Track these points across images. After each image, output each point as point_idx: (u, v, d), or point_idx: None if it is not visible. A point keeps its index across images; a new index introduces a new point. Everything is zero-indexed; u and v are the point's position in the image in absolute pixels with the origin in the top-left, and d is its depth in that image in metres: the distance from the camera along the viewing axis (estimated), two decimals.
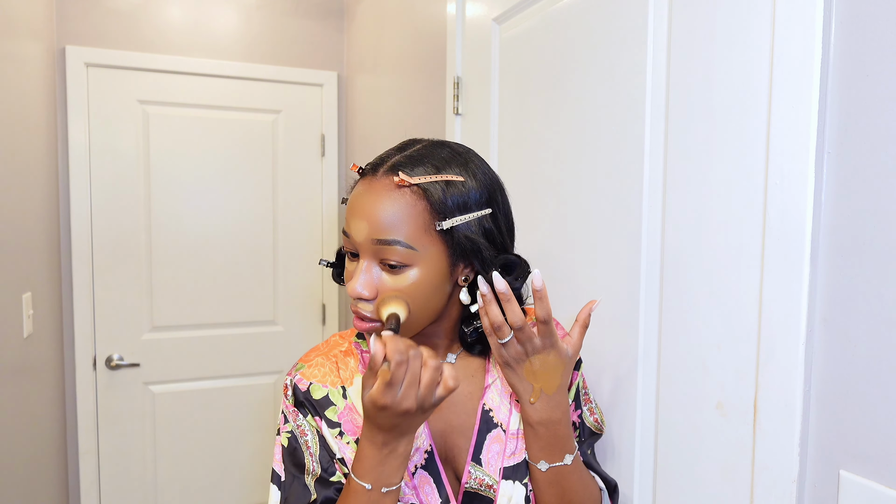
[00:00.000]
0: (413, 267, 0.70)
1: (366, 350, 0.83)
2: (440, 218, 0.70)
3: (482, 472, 0.78)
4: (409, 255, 0.69)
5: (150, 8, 2.18)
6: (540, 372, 0.74)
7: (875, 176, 0.60)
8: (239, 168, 2.31)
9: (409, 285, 0.70)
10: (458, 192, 0.71)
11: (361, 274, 0.71)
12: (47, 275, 1.95)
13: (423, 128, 1.68)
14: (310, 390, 0.79)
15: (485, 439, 0.79)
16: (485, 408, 0.80)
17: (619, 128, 0.93)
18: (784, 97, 0.67)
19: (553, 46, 1.09)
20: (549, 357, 0.73)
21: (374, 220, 0.69)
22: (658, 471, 0.89)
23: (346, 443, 0.77)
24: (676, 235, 0.84)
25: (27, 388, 1.73)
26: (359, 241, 0.71)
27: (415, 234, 0.69)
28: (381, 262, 0.71)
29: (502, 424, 0.80)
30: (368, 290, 0.70)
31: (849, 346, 0.63)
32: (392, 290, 0.70)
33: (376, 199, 0.70)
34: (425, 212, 0.70)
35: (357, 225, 0.71)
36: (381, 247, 0.69)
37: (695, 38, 0.80)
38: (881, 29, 0.60)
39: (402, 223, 0.69)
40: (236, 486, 2.38)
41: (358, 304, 0.72)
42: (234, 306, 2.33)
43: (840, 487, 0.64)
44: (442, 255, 0.71)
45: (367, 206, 0.70)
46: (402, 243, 0.69)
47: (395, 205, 0.69)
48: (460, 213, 0.71)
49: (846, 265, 0.63)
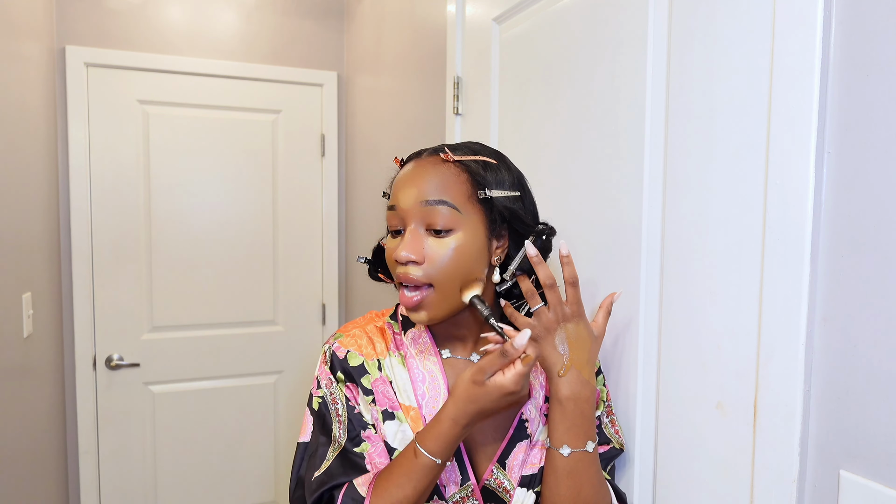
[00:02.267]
0: (457, 231, 0.75)
1: (398, 332, 0.88)
2: (481, 189, 0.77)
3: (504, 475, 0.81)
4: (455, 217, 0.75)
5: (150, 8, 2.18)
6: (572, 342, 0.76)
7: (875, 176, 0.60)
8: (239, 168, 2.31)
9: (454, 248, 0.75)
10: (495, 172, 0.79)
11: (409, 238, 0.75)
12: (47, 275, 1.95)
13: (423, 128, 1.68)
14: (347, 358, 0.84)
15: (514, 447, 0.82)
16: (522, 417, 0.83)
17: (620, 128, 0.93)
18: (784, 97, 0.67)
19: (553, 46, 1.09)
20: (579, 328, 0.77)
21: (422, 186, 0.76)
22: (658, 471, 0.89)
23: (376, 412, 0.81)
24: (676, 235, 0.84)
25: (27, 388, 1.73)
26: (407, 207, 0.76)
27: (459, 199, 0.76)
28: (427, 227, 0.75)
29: (532, 436, 0.82)
30: (416, 253, 0.75)
31: (849, 346, 0.63)
32: (438, 253, 0.74)
33: (423, 170, 0.78)
34: (468, 183, 0.77)
35: (405, 193, 0.77)
36: (429, 208, 0.75)
37: (695, 38, 0.80)
38: (881, 29, 0.60)
39: (447, 188, 0.76)
40: (236, 486, 2.38)
41: (408, 269, 0.75)
42: (234, 306, 2.33)
43: (840, 487, 0.64)
44: (482, 225, 0.77)
45: (415, 177, 0.77)
46: (449, 203, 0.75)
47: (441, 173, 0.77)
48: (497, 189, 0.78)
49: (846, 265, 0.63)
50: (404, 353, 0.85)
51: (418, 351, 0.85)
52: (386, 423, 0.80)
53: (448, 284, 0.75)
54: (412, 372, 0.83)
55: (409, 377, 0.83)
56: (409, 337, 0.86)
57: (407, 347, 0.85)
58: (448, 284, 0.75)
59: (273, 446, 2.43)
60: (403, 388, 0.82)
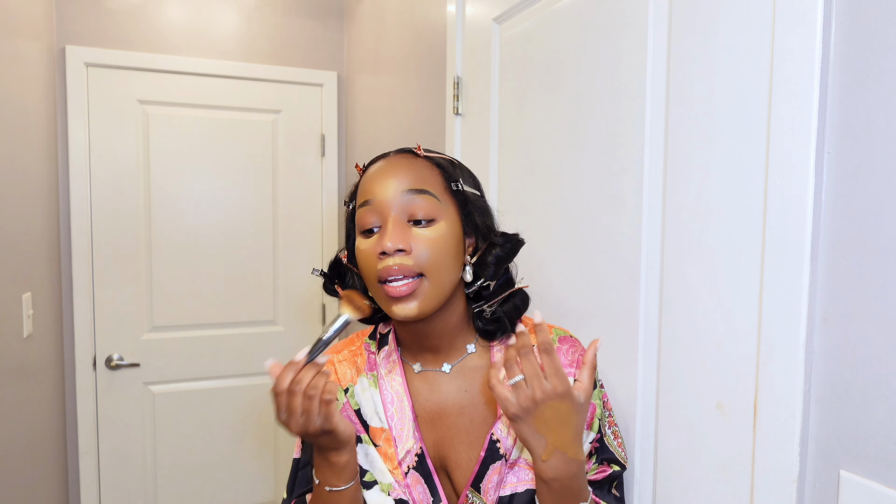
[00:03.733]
0: (439, 220, 0.75)
1: (373, 352, 0.86)
2: (454, 181, 0.77)
3: (479, 499, 0.78)
4: (437, 207, 0.75)
5: (150, 8, 2.18)
6: (552, 422, 0.67)
7: (875, 176, 0.60)
8: (239, 168, 2.31)
9: (440, 236, 0.74)
10: (460, 170, 0.81)
11: (393, 228, 0.73)
12: (47, 275, 1.95)
13: (423, 128, 1.68)
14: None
15: (487, 469, 0.78)
16: (493, 438, 0.79)
17: (620, 128, 0.93)
18: (784, 97, 0.67)
19: (553, 46, 1.09)
20: (561, 406, 0.66)
21: (401, 177, 0.75)
22: (658, 471, 0.89)
23: None
24: (676, 235, 0.84)
25: (27, 388, 1.73)
26: (386, 199, 0.74)
27: (437, 189, 0.76)
28: (409, 217, 0.74)
29: (506, 455, 0.79)
30: (404, 242, 0.73)
31: (849, 346, 0.63)
32: (426, 242, 0.73)
33: (398, 164, 0.77)
34: (440, 176, 0.77)
35: (382, 185, 0.75)
36: (413, 196, 0.74)
37: (695, 38, 0.80)
38: (881, 29, 0.60)
39: (427, 178, 0.76)
40: (236, 486, 2.38)
41: (396, 259, 0.72)
42: (234, 306, 2.33)
43: (840, 487, 0.64)
44: (457, 217, 0.77)
45: (391, 169, 0.76)
46: (431, 193, 0.75)
47: (418, 166, 0.77)
48: (464, 182, 0.79)
49: (846, 265, 0.63)
50: (376, 374, 0.83)
51: (388, 371, 0.83)
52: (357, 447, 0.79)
53: (439, 274, 0.73)
54: (383, 393, 0.82)
55: (381, 399, 0.82)
56: (382, 355, 0.84)
57: (379, 367, 0.84)
58: (439, 274, 0.73)
59: (273, 446, 2.43)
60: (376, 410, 0.81)
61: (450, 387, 0.82)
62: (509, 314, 0.80)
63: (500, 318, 0.80)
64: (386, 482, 0.79)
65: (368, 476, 0.79)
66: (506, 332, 0.81)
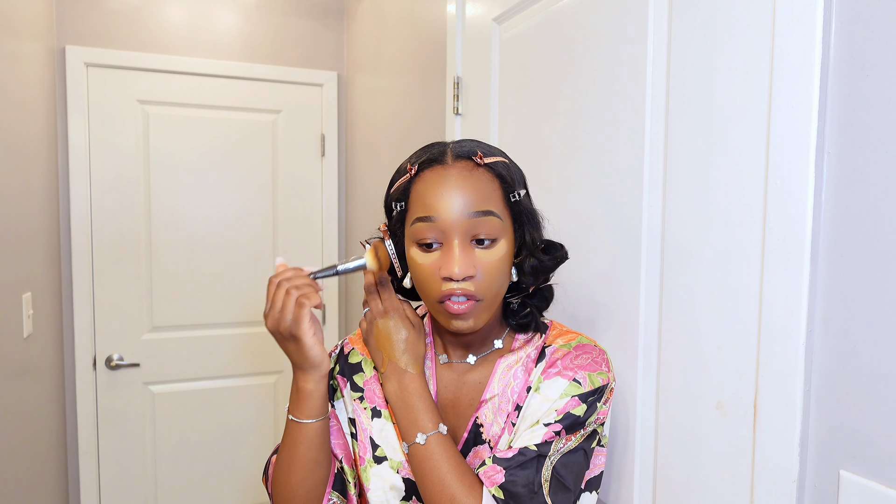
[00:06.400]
0: (500, 239, 0.73)
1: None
2: (511, 192, 0.75)
3: None
4: (499, 227, 0.73)
5: (150, 8, 2.18)
6: (382, 338, 0.80)
7: (875, 176, 0.60)
8: (239, 168, 2.31)
9: (500, 259, 0.73)
10: (514, 171, 0.78)
11: (459, 254, 0.71)
12: (47, 275, 1.95)
13: (424, 128, 1.68)
14: (350, 354, 0.89)
15: (469, 451, 0.81)
16: (476, 421, 0.81)
17: (620, 128, 0.93)
18: (784, 97, 0.67)
19: (553, 46, 1.09)
20: (387, 321, 0.80)
21: (468, 195, 0.71)
22: (658, 471, 0.89)
23: (364, 408, 0.84)
24: (676, 235, 0.84)
25: (27, 388, 1.73)
26: (452, 219, 0.71)
27: (499, 206, 0.74)
28: (472, 237, 0.72)
29: (490, 441, 0.79)
30: (472, 269, 0.72)
31: (849, 346, 0.63)
32: (487, 266, 0.72)
33: (461, 178, 0.72)
34: (500, 188, 0.75)
35: (447, 204, 0.71)
36: (478, 219, 0.71)
37: (695, 38, 0.80)
38: (881, 29, 0.60)
39: (490, 196, 0.73)
40: (236, 486, 2.38)
41: (462, 285, 0.71)
42: (234, 306, 2.33)
43: (840, 487, 0.64)
44: (511, 228, 0.76)
45: (455, 186, 0.72)
46: (495, 213, 0.72)
47: (481, 180, 0.73)
48: (519, 189, 0.76)
49: (846, 265, 0.63)
50: None
51: None
52: (374, 421, 0.82)
53: (494, 295, 0.75)
54: None
55: None
56: None
57: None
58: (494, 295, 0.75)
59: (273, 446, 2.43)
60: None
61: (470, 377, 0.84)
62: (539, 307, 0.83)
63: (531, 312, 0.82)
64: (396, 460, 0.80)
65: (380, 451, 0.81)
66: (536, 325, 0.83)
